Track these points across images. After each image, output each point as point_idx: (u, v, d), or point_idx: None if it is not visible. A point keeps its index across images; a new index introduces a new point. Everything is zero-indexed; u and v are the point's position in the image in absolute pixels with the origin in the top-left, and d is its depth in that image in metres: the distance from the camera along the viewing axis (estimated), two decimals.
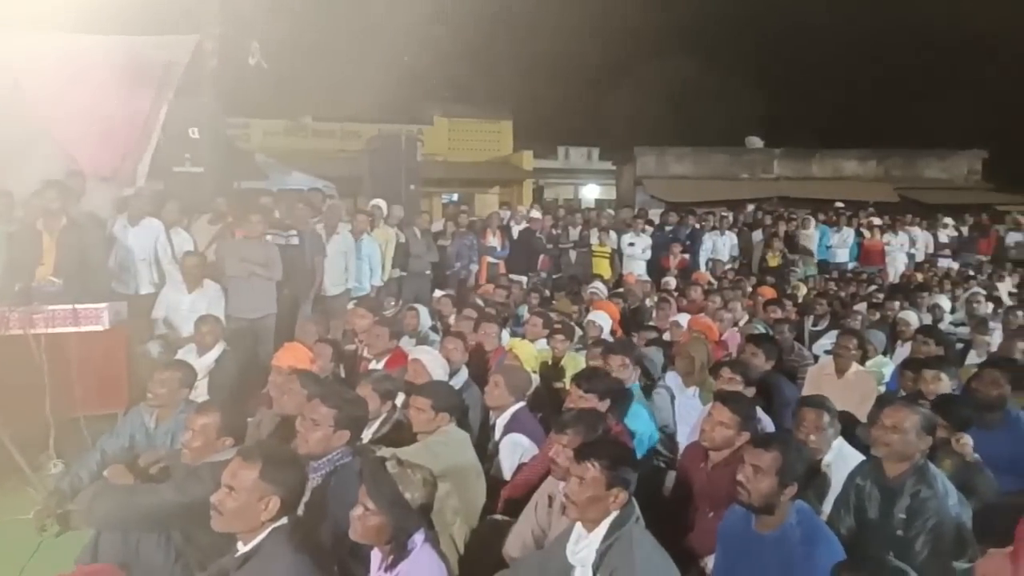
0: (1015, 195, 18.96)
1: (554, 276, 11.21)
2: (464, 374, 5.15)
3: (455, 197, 21.27)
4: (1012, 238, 14.48)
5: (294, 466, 2.69)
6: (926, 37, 28.56)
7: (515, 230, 11.52)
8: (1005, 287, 10.86)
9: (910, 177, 19.73)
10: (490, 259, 10.85)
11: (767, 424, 4.31)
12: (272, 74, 11.62)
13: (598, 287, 8.96)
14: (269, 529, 2.52)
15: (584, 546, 2.75)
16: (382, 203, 9.55)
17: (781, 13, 30.04)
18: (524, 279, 10.48)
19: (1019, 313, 7.81)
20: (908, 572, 2.11)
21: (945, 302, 8.82)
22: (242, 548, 2.54)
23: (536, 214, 12.16)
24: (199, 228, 8.01)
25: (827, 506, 3.54)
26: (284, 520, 2.55)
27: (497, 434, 4.32)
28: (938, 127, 22.10)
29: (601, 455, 2.75)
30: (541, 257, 11.37)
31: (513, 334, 6.85)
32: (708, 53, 27.39)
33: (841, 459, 3.63)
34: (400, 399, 4.42)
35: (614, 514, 2.72)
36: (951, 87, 27.78)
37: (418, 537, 2.55)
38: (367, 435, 4.00)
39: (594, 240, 11.67)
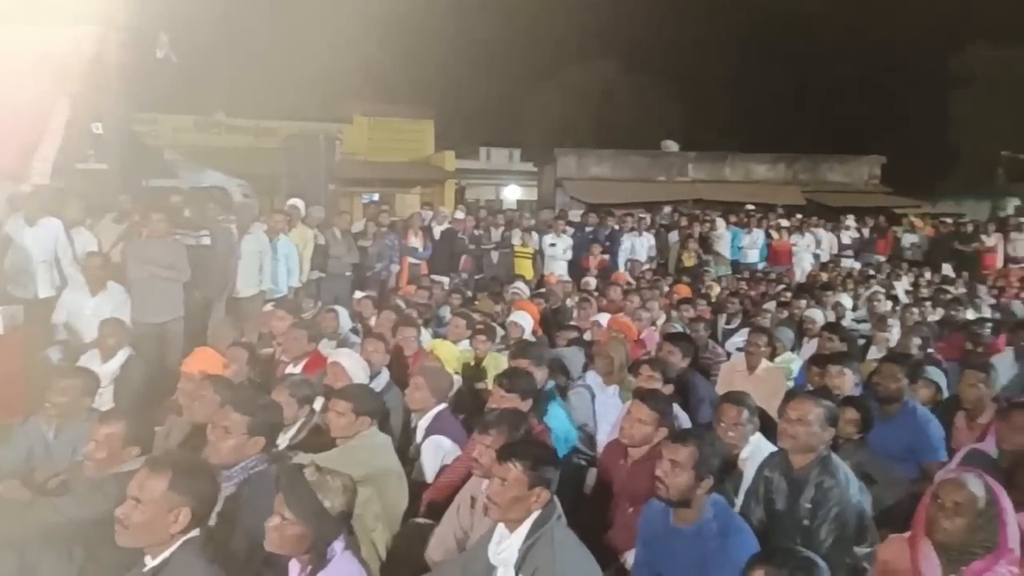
0: (910, 199, 20.14)
1: (476, 277, 11.21)
2: (385, 376, 5.08)
3: (376, 197, 20.99)
4: (908, 239, 15.37)
5: (205, 476, 2.60)
6: (830, 47, 30.01)
7: (437, 231, 11.46)
8: (902, 286, 11.49)
9: (816, 181, 20.63)
10: (412, 260, 10.76)
11: (684, 420, 4.42)
12: (182, 68, 11.18)
13: (520, 288, 9.00)
14: (179, 542, 2.44)
15: (506, 546, 2.76)
16: (300, 203, 9.34)
17: (696, 22, 31.01)
18: (446, 280, 10.44)
19: (915, 310, 8.29)
20: (816, 561, 2.19)
21: (847, 300, 9.26)
22: (150, 563, 2.44)
23: (459, 214, 12.13)
24: (103, 228, 7.63)
25: (741, 498, 3.66)
26: (195, 532, 2.47)
27: (419, 436, 4.28)
28: (841, 133, 23.27)
29: (523, 455, 2.76)
30: (463, 258, 11.36)
31: (435, 335, 6.81)
32: (627, 58, 28.03)
33: (759, 453, 3.75)
34: (319, 403, 4.32)
35: (536, 513, 2.74)
36: (853, 96, 29.28)
37: (338, 545, 2.50)
38: (284, 441, 3.90)
39: (516, 241, 11.74)
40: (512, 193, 27.41)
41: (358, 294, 8.75)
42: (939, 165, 26.49)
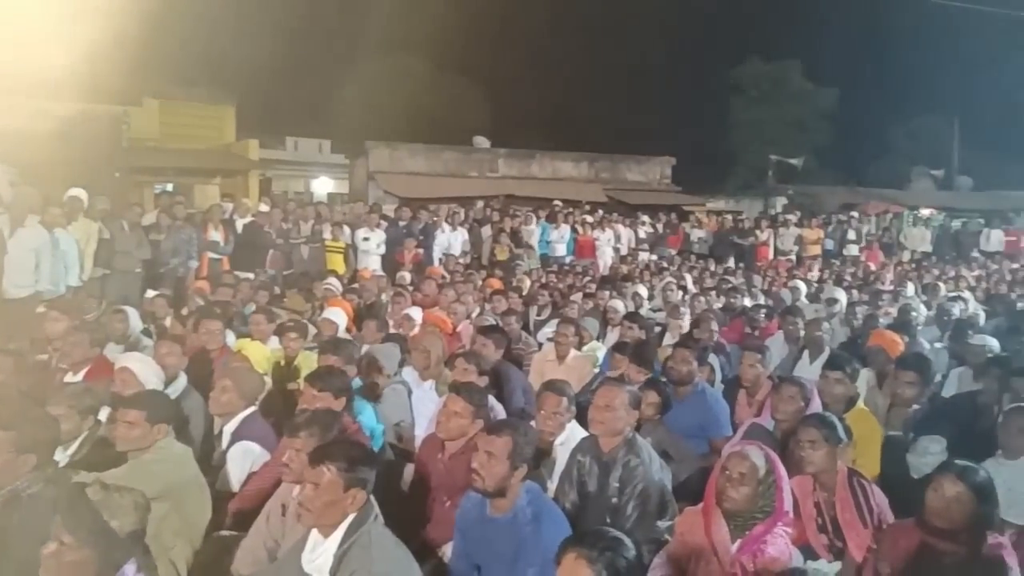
0: (697, 197, 22.02)
1: (285, 273, 10.75)
2: (183, 381, 4.71)
3: (170, 187, 19.39)
4: (695, 234, 16.80)
5: None
6: (628, 53, 32.06)
7: (239, 224, 10.86)
8: (691, 276, 12.52)
9: (616, 179, 21.93)
10: (212, 255, 10.10)
11: (499, 411, 4.51)
12: None
13: (332, 283, 8.75)
14: None
15: (321, 552, 2.66)
16: (81, 193, 8.42)
17: (504, 21, 31.80)
18: (251, 276, 9.89)
19: (702, 299, 9.06)
20: (623, 539, 2.31)
21: (643, 291, 9.88)
22: None
23: (263, 207, 11.55)
24: None
25: (555, 483, 3.80)
26: None
27: (224, 443, 4.02)
28: (637, 135, 24.93)
29: (337, 457, 2.67)
30: (270, 253, 10.85)
31: (240, 335, 6.42)
32: (438, 53, 28.04)
33: (572, 439, 3.88)
34: (105, 414, 3.91)
35: (352, 516, 2.66)
36: (647, 100, 31.50)
37: (129, 568, 2.28)
38: (64, 458, 3.49)
39: (327, 235, 11.41)
40: (323, 186, 26.54)
41: (150, 293, 8.07)
42: (720, 166, 29.27)
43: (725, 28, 33.07)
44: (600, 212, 16.51)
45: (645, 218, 16.93)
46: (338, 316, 6.66)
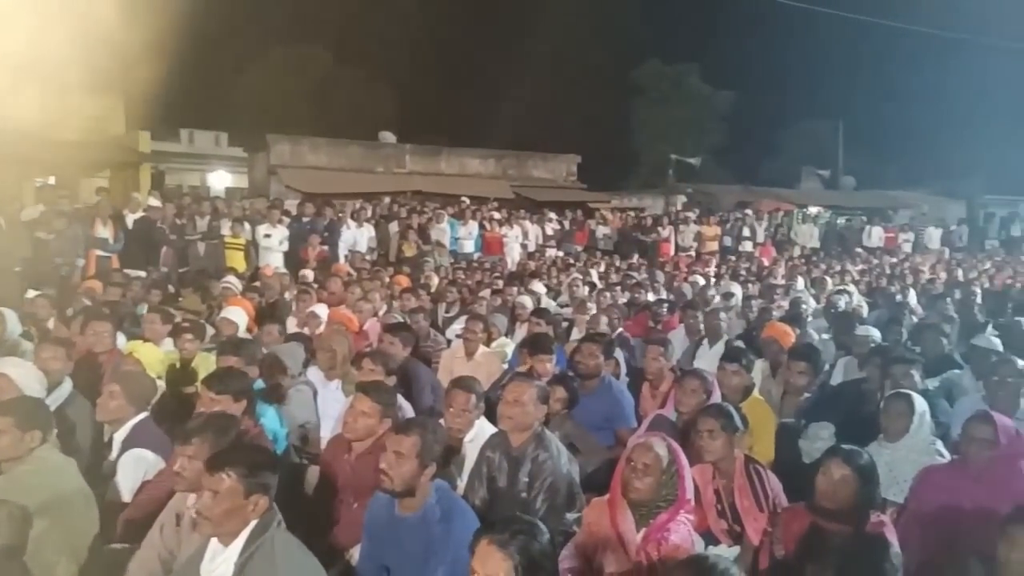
0: (601, 194, 22.47)
1: (180, 270, 10.30)
2: (67, 387, 4.42)
3: (52, 180, 18.17)
4: (600, 231, 17.16)
5: None
6: (533, 52, 32.37)
7: (130, 220, 10.33)
8: (596, 272, 12.78)
9: (523, 176, 22.11)
10: (100, 252, 9.55)
11: (408, 410, 4.46)
12: None
13: (231, 281, 8.43)
14: None
15: (221, 562, 2.56)
16: None
17: (410, 15, 31.47)
18: (143, 274, 9.41)
19: (607, 294, 9.25)
20: (535, 522, 2.34)
21: (540, 287, 9.91)
22: None
23: (154, 202, 11.04)
24: None
25: (464, 481, 3.79)
26: None
27: (114, 452, 3.80)
28: (543, 132, 25.21)
29: (236, 462, 2.56)
30: (163, 250, 10.37)
31: (132, 336, 6.09)
32: (341, 46, 27.46)
33: (482, 435, 3.88)
34: None
35: (254, 523, 2.56)
36: (553, 98, 31.90)
37: None
38: None
39: (226, 231, 11.02)
40: (220, 180, 25.53)
41: (31, 293, 7.54)
42: (624, 165, 30.01)
43: (627, 30, 33.92)
44: (507, 209, 16.61)
45: (552, 215, 17.16)
46: (238, 315, 6.43)
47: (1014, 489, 3.13)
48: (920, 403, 3.86)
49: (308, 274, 9.94)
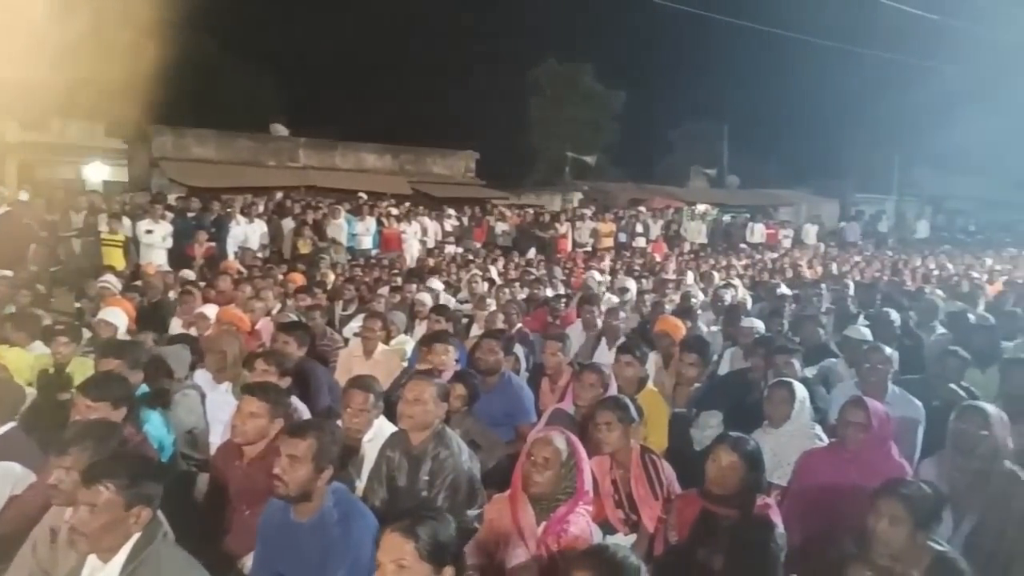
0: (500, 191, 22.60)
1: (52, 269, 9.63)
2: None
3: None
4: (499, 227, 17.25)
5: None
6: (437, 47, 32.18)
7: None
8: (496, 268, 12.84)
9: (421, 172, 21.92)
10: None
11: (304, 411, 4.33)
12: None
13: (109, 280, 7.98)
14: None
15: None
16: None
17: (300, 2, 30.59)
18: (9, 273, 8.74)
19: (506, 290, 9.31)
20: (443, 514, 2.32)
21: (438, 284, 9.87)
22: None
23: (23, 196, 10.27)
24: None
25: (363, 482, 3.71)
26: None
27: None
28: (440, 128, 25.01)
29: (116, 473, 2.41)
30: (32, 247, 9.67)
31: None
32: (226, 35, 26.22)
33: (381, 435, 3.82)
34: None
35: (136, 536, 2.42)
36: (450, 94, 31.76)
37: None
38: None
39: (103, 227, 10.42)
40: (97, 172, 23.94)
41: None
42: (521, 162, 30.23)
43: (522, 28, 34.18)
44: (406, 205, 16.44)
45: (451, 211, 17.11)
46: (117, 317, 6.07)
47: (885, 468, 3.36)
48: (801, 390, 4.08)
49: (188, 273, 9.49)
